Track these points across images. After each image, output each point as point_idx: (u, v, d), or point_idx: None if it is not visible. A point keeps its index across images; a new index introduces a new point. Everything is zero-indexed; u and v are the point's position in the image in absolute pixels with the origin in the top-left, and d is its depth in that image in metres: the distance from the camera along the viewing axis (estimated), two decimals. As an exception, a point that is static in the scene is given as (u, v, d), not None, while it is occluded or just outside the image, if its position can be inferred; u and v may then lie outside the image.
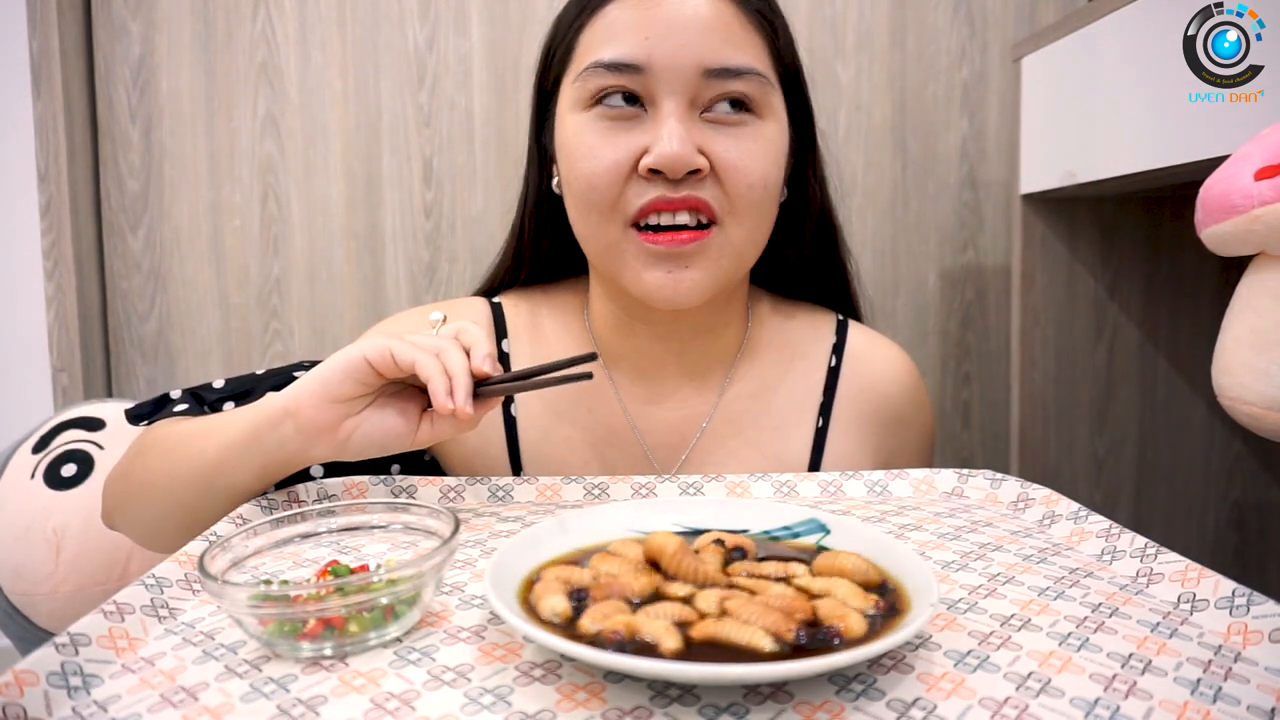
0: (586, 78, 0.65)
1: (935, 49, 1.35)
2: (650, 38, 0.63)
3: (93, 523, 0.99)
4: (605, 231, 0.66)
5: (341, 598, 0.37)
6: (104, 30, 1.32)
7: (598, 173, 0.64)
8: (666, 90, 0.64)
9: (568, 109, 0.68)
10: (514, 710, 0.33)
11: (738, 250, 0.68)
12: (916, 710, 0.33)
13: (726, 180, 0.65)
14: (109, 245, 1.36)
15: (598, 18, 0.66)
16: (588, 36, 0.66)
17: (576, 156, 0.66)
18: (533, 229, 0.77)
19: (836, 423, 0.76)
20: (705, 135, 0.64)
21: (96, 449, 1.04)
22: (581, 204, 0.67)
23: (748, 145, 0.65)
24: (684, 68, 0.63)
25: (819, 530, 0.48)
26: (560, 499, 0.63)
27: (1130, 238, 1.13)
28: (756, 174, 0.65)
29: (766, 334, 0.79)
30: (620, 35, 0.64)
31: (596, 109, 0.65)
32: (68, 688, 0.36)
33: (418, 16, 1.33)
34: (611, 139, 0.65)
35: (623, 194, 0.65)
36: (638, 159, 0.64)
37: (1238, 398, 0.52)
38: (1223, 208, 0.52)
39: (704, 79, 0.64)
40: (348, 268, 1.37)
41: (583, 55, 0.66)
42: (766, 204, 0.68)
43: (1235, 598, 0.42)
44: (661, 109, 0.64)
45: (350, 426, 0.55)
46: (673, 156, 0.62)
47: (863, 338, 0.80)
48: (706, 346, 0.76)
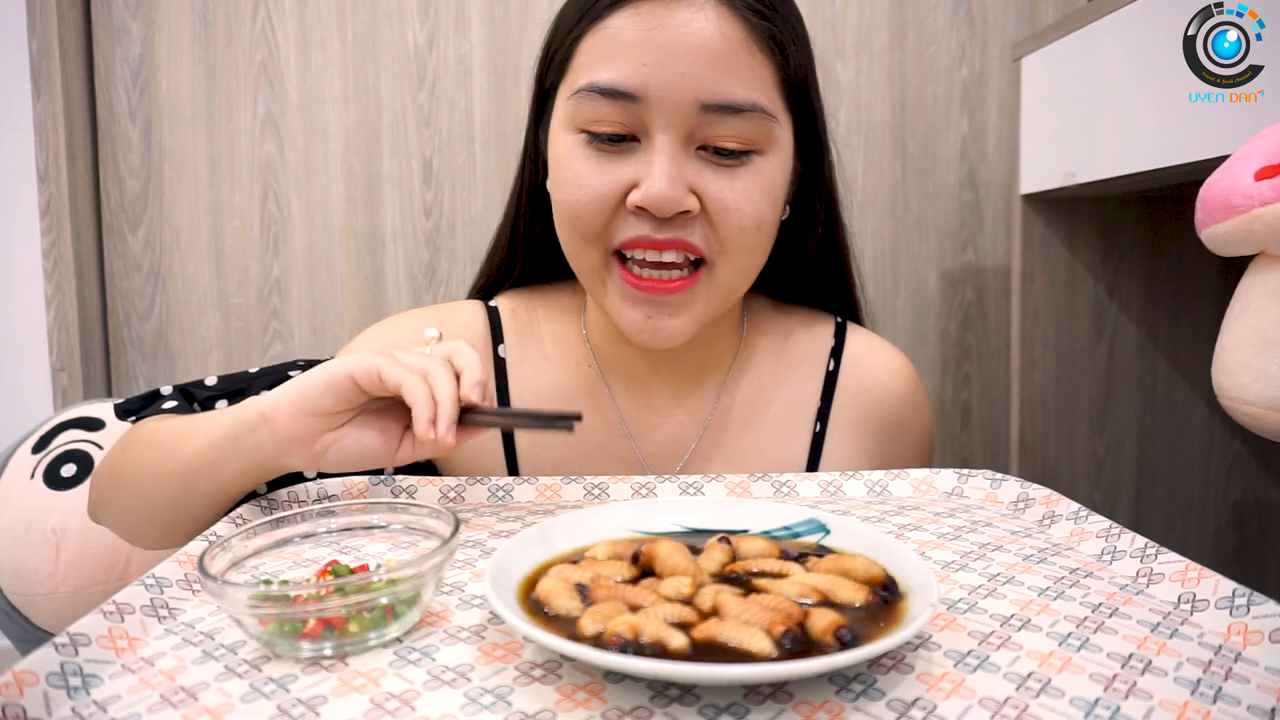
0: (580, 100, 0.62)
1: (935, 49, 1.35)
2: (649, 64, 0.60)
3: (92, 523, 0.99)
4: (588, 255, 0.66)
5: (341, 598, 0.37)
6: (104, 30, 1.32)
7: (583, 202, 0.63)
8: (661, 123, 0.61)
9: (560, 123, 0.66)
10: (514, 710, 0.33)
11: (726, 289, 0.66)
12: (916, 710, 0.33)
13: (718, 221, 0.63)
14: (109, 245, 1.36)
15: (598, 28, 0.63)
16: (586, 47, 0.63)
17: (563, 181, 0.64)
18: (526, 224, 0.76)
19: (834, 427, 0.76)
20: (698, 172, 0.62)
21: (96, 449, 1.04)
22: (566, 227, 0.66)
23: (743, 185, 0.63)
24: (681, 100, 0.60)
25: (819, 530, 0.48)
26: (560, 499, 0.63)
27: (1130, 238, 1.13)
28: (750, 216, 0.63)
29: (763, 340, 0.78)
30: (618, 56, 0.61)
31: (587, 136, 0.63)
32: (67, 688, 0.36)
33: (418, 16, 1.33)
34: (600, 168, 0.63)
35: (608, 224, 0.64)
36: (626, 191, 0.62)
37: (1238, 398, 0.52)
38: (1223, 208, 0.52)
39: (702, 113, 0.61)
40: (348, 268, 1.37)
41: (579, 69, 0.64)
42: (759, 244, 0.66)
43: (1235, 598, 0.42)
44: (655, 143, 0.61)
45: (328, 440, 0.53)
46: (660, 197, 0.60)
47: (862, 341, 0.79)
48: (701, 355, 0.75)
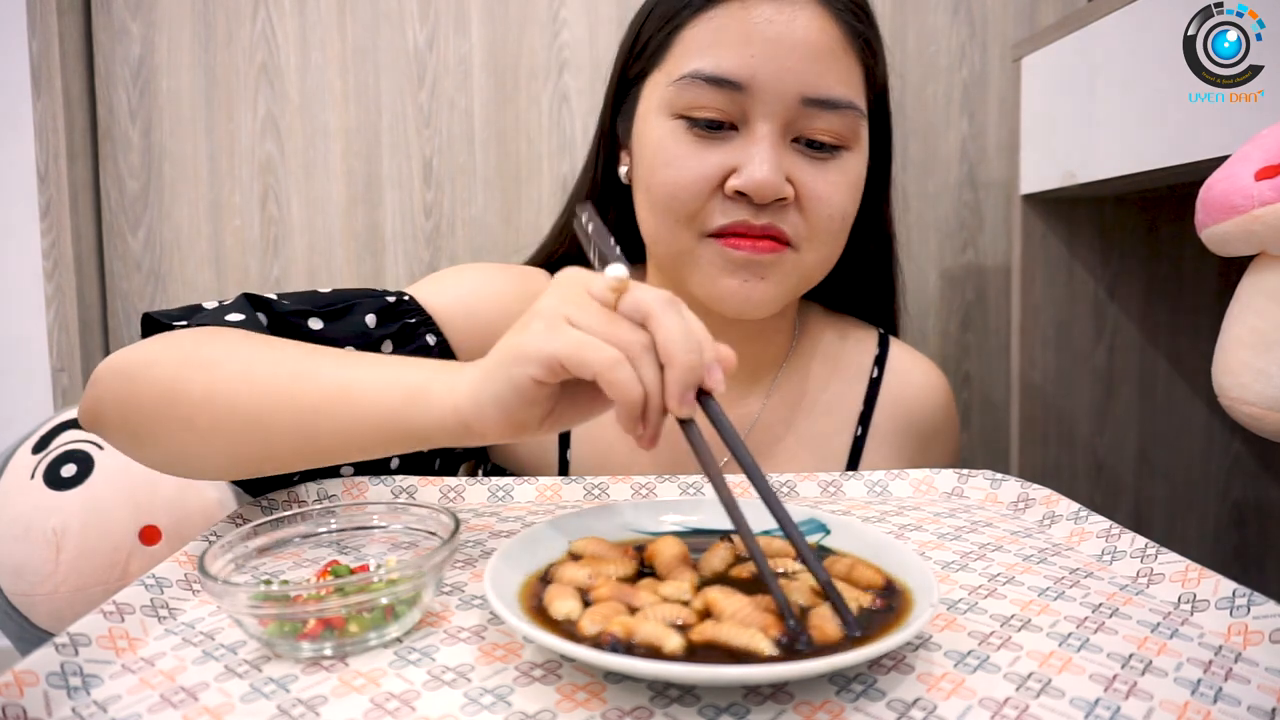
0: (683, 86, 0.63)
1: (935, 49, 1.35)
2: (756, 55, 0.61)
3: (93, 523, 0.99)
4: (679, 238, 0.66)
5: (341, 598, 0.37)
6: (104, 31, 1.32)
7: (682, 184, 0.63)
8: (764, 112, 0.62)
9: (654, 109, 0.66)
10: (514, 710, 0.33)
11: (808, 272, 0.68)
12: (916, 710, 0.33)
13: (809, 210, 0.64)
14: (109, 246, 1.35)
15: (702, 19, 0.64)
16: (688, 36, 0.64)
17: (660, 163, 0.65)
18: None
19: (875, 433, 0.78)
20: (794, 162, 0.64)
21: (96, 449, 1.04)
22: (660, 209, 0.66)
23: (834, 178, 0.65)
24: (785, 93, 0.62)
25: (819, 530, 0.48)
26: (560, 499, 0.63)
27: (1130, 238, 1.12)
28: (838, 206, 0.65)
29: (814, 343, 0.80)
30: (724, 46, 0.62)
31: (687, 122, 0.64)
32: (68, 688, 0.36)
33: (418, 16, 1.33)
34: (699, 152, 0.63)
35: (704, 208, 0.64)
36: (725, 177, 0.63)
37: (1238, 398, 0.52)
38: (1223, 208, 0.52)
39: (802, 106, 0.62)
40: (348, 268, 1.36)
41: (680, 56, 0.64)
42: (842, 234, 0.68)
43: (1235, 598, 0.42)
44: (755, 131, 0.63)
45: (547, 425, 0.46)
46: (762, 183, 0.61)
47: (905, 354, 0.82)
48: (756, 352, 0.76)
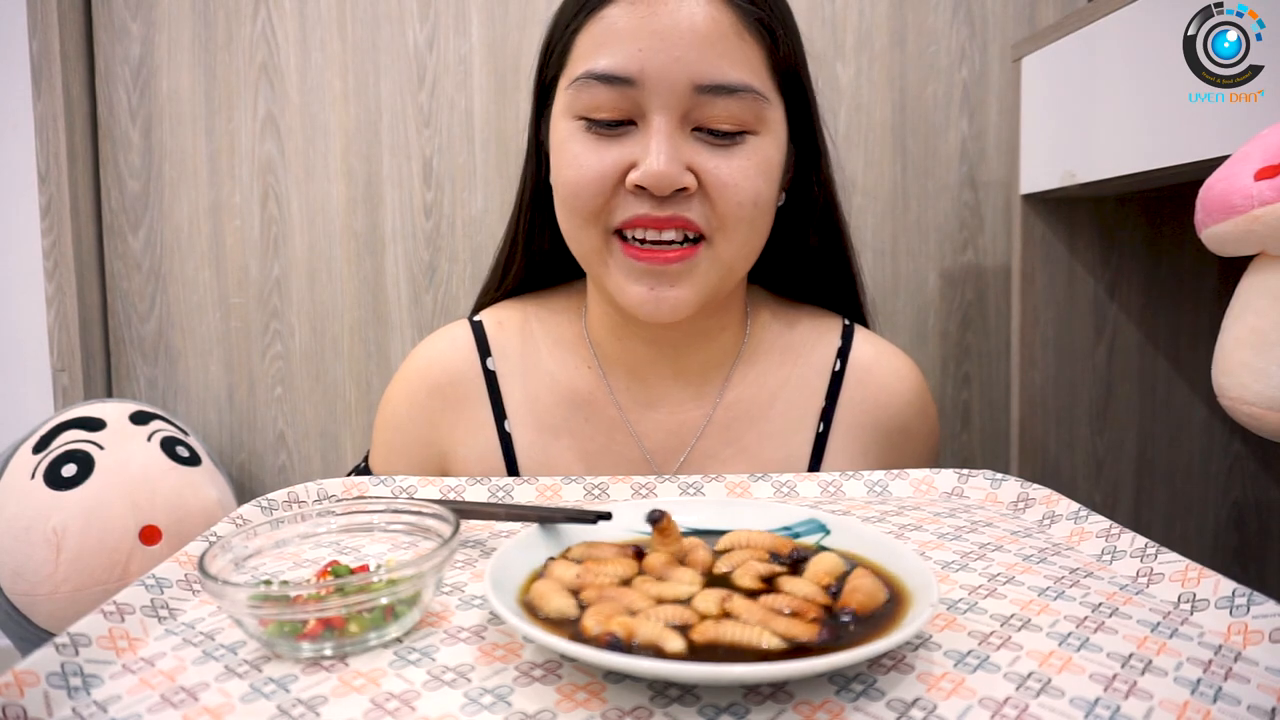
0: (579, 88, 0.65)
1: (935, 49, 1.35)
2: (644, 49, 0.62)
3: (93, 523, 0.99)
4: (588, 236, 0.67)
5: (341, 598, 0.37)
6: (104, 30, 1.32)
7: (582, 183, 0.64)
8: (658, 105, 0.63)
9: (560, 112, 0.68)
10: (514, 710, 0.33)
11: (727, 265, 0.67)
12: (916, 710, 0.33)
13: (715, 198, 0.64)
14: (109, 245, 1.35)
15: (594, 20, 0.65)
16: (584, 39, 0.66)
17: (563, 164, 0.66)
18: (528, 222, 0.77)
19: (837, 429, 0.76)
20: (695, 151, 0.64)
21: (96, 449, 1.04)
22: (565, 209, 0.67)
23: (739, 163, 0.64)
24: (676, 82, 0.62)
25: (819, 530, 0.48)
26: (560, 499, 0.63)
27: (1130, 238, 1.12)
28: (747, 192, 0.64)
29: (767, 337, 0.78)
30: (614, 43, 0.63)
31: (586, 123, 0.65)
32: (68, 688, 0.36)
33: (418, 16, 1.33)
34: (599, 150, 0.64)
35: (607, 204, 0.65)
36: (625, 172, 0.64)
37: (1238, 398, 0.52)
38: (1223, 208, 0.52)
39: (696, 94, 0.63)
40: (348, 268, 1.36)
41: (577, 59, 0.66)
42: (758, 219, 0.67)
43: (1235, 598, 0.42)
44: (651, 124, 0.63)
45: None
46: (659, 174, 0.62)
47: (869, 346, 0.79)
48: (703, 350, 0.75)
